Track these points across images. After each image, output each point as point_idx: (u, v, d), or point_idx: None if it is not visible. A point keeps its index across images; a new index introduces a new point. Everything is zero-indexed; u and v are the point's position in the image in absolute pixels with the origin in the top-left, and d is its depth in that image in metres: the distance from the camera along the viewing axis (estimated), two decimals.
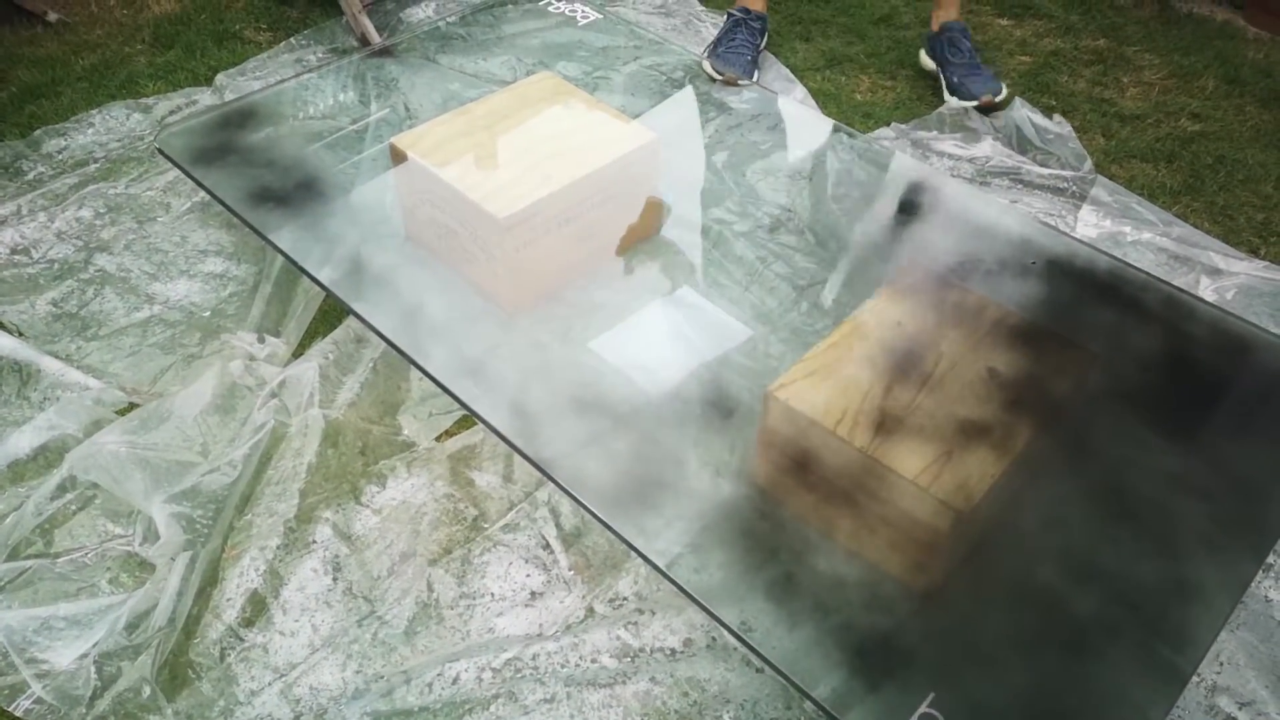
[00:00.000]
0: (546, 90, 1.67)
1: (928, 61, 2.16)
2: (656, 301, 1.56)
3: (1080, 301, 1.36)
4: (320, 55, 2.10)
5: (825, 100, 2.09)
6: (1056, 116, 1.98)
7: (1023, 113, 1.95)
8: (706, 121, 1.92)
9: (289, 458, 1.25)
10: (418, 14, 2.24)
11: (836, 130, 1.90)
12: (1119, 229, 1.74)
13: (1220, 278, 1.66)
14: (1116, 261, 1.42)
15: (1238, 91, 2.12)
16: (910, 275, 1.38)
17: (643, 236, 1.65)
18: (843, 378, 1.21)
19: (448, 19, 2.24)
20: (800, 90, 2.10)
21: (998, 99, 1.99)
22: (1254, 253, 1.73)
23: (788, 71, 2.13)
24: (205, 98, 1.96)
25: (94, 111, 1.90)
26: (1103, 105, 2.08)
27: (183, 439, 1.26)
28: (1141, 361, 1.27)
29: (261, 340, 1.42)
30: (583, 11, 1.93)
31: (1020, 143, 1.93)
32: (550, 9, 1.97)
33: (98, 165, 1.79)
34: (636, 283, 1.59)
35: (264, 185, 1.58)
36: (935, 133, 1.97)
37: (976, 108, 1.99)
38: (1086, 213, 1.77)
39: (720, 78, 1.99)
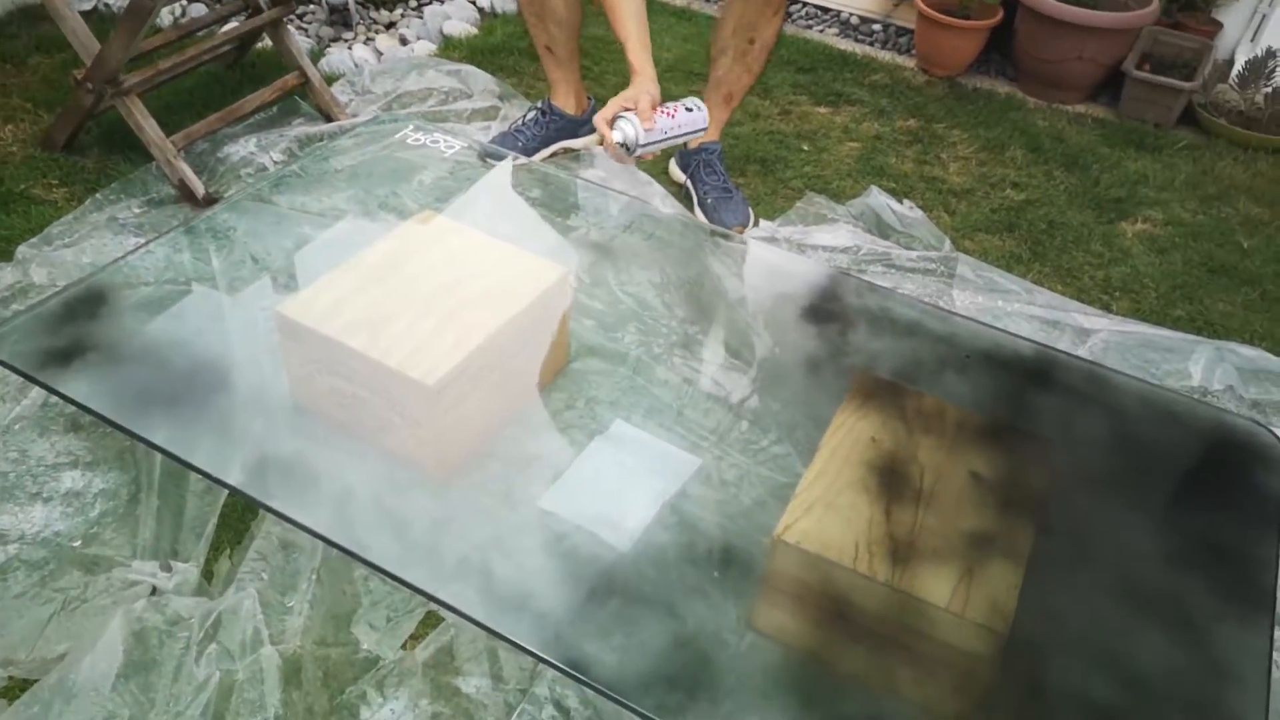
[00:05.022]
0: (435, 231, 1.55)
1: (677, 173, 2.17)
2: (595, 442, 1.47)
3: (1020, 390, 1.41)
4: (136, 210, 1.86)
5: (685, 200, 2.10)
6: (907, 201, 2.09)
7: (880, 199, 2.05)
8: (583, 236, 1.86)
9: (245, 714, 1.04)
10: (238, 152, 2.04)
11: (713, 234, 1.91)
12: (991, 303, 1.85)
13: (1089, 337, 1.80)
14: (1040, 346, 1.49)
15: (1042, 159, 2.33)
16: (864, 387, 1.38)
17: (555, 372, 1.57)
18: (843, 508, 1.18)
19: (273, 156, 2.07)
20: (659, 190, 2.10)
21: (747, 228, 2.02)
22: (1107, 309, 1.89)
23: (645, 175, 2.13)
24: (6, 275, 1.67)
25: None
26: (934, 183, 2.22)
27: (104, 717, 1.03)
28: (1095, 443, 1.33)
29: (166, 568, 1.20)
30: (446, 141, 1.83)
31: (881, 228, 2.02)
32: (410, 141, 1.85)
33: None
34: (566, 424, 1.49)
35: (124, 378, 1.35)
36: (800, 226, 2.03)
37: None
38: (957, 292, 1.87)
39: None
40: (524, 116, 2.19)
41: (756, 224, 2.02)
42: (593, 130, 2.24)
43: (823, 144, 2.33)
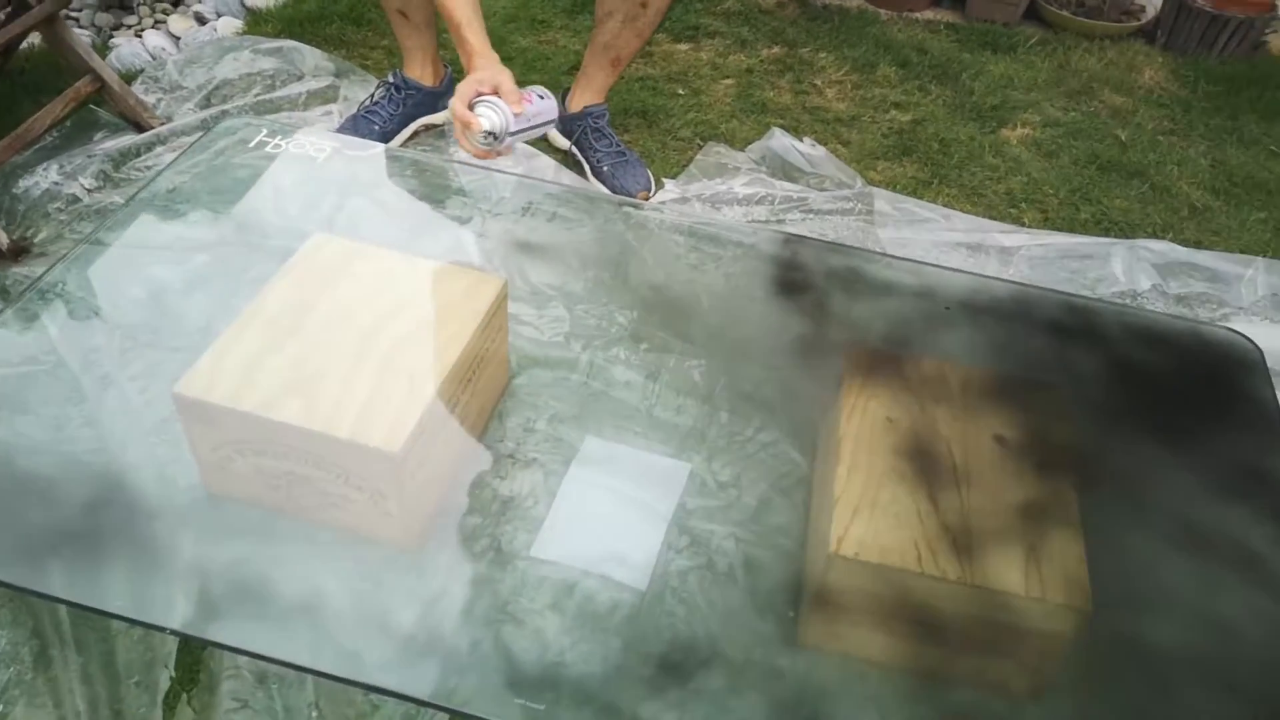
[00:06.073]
0: (336, 258, 1.32)
1: (560, 140, 1.96)
2: (572, 468, 1.32)
3: (1008, 335, 1.37)
4: None
5: (575, 169, 1.93)
6: (807, 139, 1.99)
7: (783, 141, 1.94)
8: (480, 228, 1.66)
9: None
10: (39, 184, 1.68)
11: (621, 205, 1.75)
12: (916, 235, 1.80)
13: (1013, 255, 1.78)
14: (1016, 285, 1.44)
15: (913, 74, 2.29)
16: (858, 362, 1.28)
17: (500, 394, 1.39)
18: (888, 506, 1.09)
19: (84, 183, 1.72)
20: (549, 162, 1.91)
21: (651, 194, 1.88)
22: (1020, 223, 1.88)
23: (529, 148, 1.93)
24: None
25: None
26: (819, 113, 2.14)
27: None
28: (1097, 380, 1.30)
29: None
30: (315, 145, 1.56)
31: (787, 171, 1.92)
32: (271, 149, 1.56)
33: None
34: (534, 453, 1.33)
35: None
36: (705, 181, 1.90)
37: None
38: (880, 229, 1.81)
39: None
40: (373, 94, 1.93)
41: (661, 186, 1.87)
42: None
43: (696, 85, 2.20)
